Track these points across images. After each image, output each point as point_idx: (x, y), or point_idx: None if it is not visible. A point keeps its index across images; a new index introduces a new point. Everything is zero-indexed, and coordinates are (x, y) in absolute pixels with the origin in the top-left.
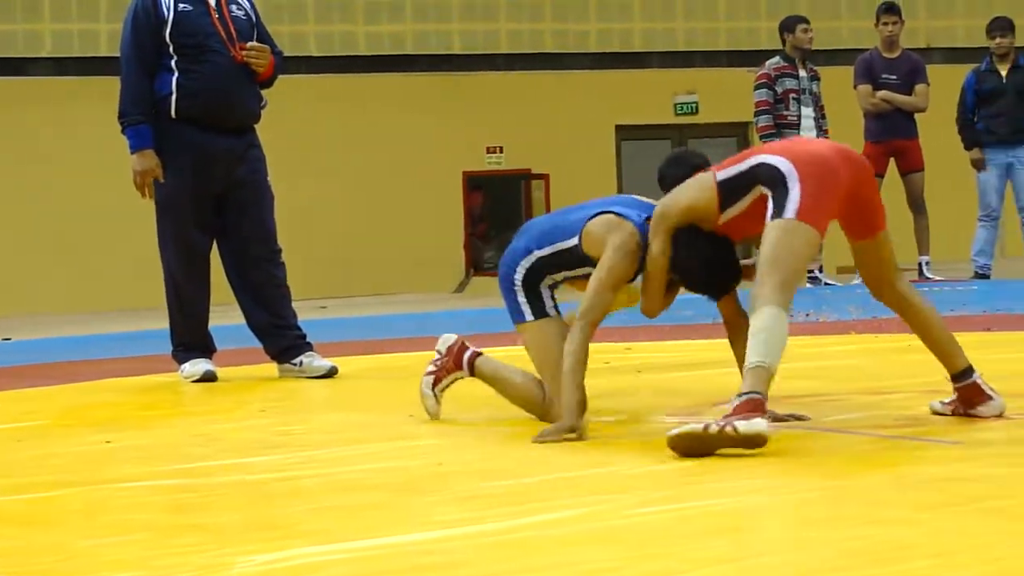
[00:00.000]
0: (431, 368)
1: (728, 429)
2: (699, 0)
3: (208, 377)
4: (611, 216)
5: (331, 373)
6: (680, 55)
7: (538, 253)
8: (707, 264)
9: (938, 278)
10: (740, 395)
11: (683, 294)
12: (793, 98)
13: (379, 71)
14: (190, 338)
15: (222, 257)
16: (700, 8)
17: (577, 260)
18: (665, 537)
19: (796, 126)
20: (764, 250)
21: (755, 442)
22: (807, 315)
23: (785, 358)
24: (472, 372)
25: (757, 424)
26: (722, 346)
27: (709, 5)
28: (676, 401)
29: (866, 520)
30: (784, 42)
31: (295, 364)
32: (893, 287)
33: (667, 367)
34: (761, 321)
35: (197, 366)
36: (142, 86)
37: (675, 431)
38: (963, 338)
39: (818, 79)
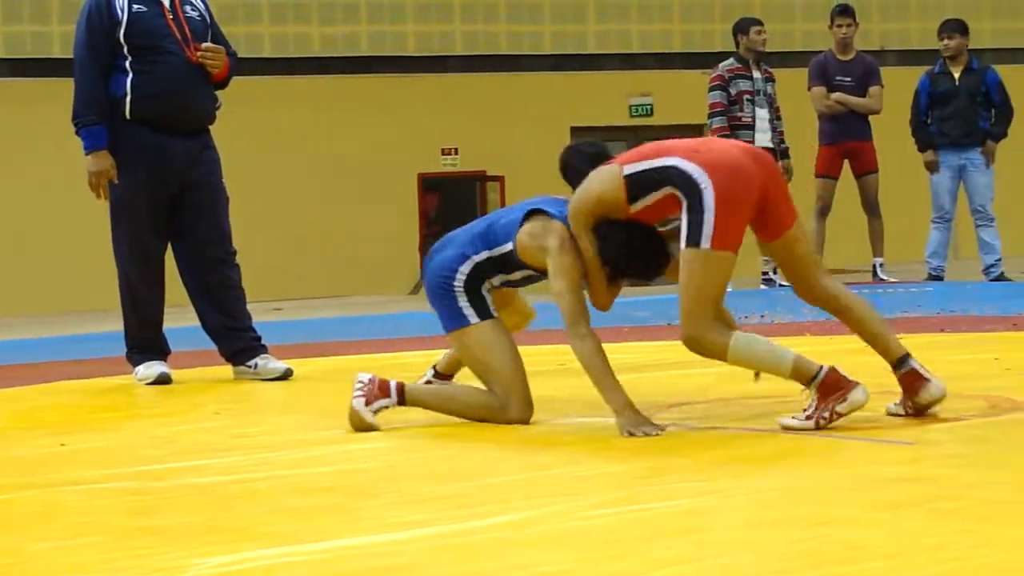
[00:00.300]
0: (359, 392)
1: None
2: (654, 2)
3: (162, 379)
4: (538, 220)
5: (286, 375)
6: (635, 57)
7: (476, 258)
8: (630, 251)
9: (892, 280)
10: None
11: (643, 294)
12: (747, 99)
13: (334, 72)
14: (144, 340)
15: (176, 259)
16: (655, 10)
17: (514, 264)
18: (622, 538)
19: (751, 127)
20: (684, 280)
21: None
22: (762, 316)
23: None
24: (402, 400)
25: None
26: (676, 348)
27: (664, 7)
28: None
29: (820, 521)
30: (738, 44)
31: (250, 366)
32: (819, 285)
33: (622, 368)
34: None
35: (151, 368)
36: (96, 87)
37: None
38: (917, 339)
39: (772, 80)
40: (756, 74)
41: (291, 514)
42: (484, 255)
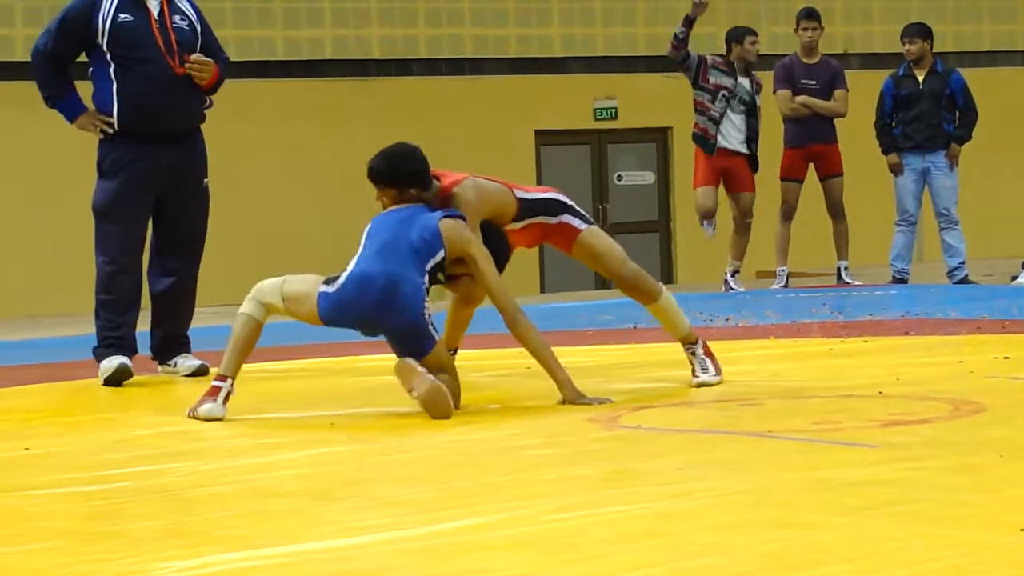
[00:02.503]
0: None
1: None
2: (618, 6)
3: (122, 370)
4: (450, 220)
5: (200, 371)
6: (599, 60)
7: (424, 281)
8: (501, 249)
9: (857, 283)
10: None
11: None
12: (722, 95)
13: (297, 76)
14: (115, 339)
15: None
16: (619, 14)
17: (439, 269)
18: (585, 542)
19: (717, 121)
20: (605, 246)
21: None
22: (726, 320)
23: None
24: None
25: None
26: (640, 350)
27: (628, 11)
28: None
29: (785, 523)
30: (730, 51)
31: (171, 364)
32: (622, 279)
33: (587, 372)
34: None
35: (112, 361)
36: (53, 76)
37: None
38: (881, 342)
39: (759, 92)
40: (742, 79)
41: (254, 518)
42: (426, 276)
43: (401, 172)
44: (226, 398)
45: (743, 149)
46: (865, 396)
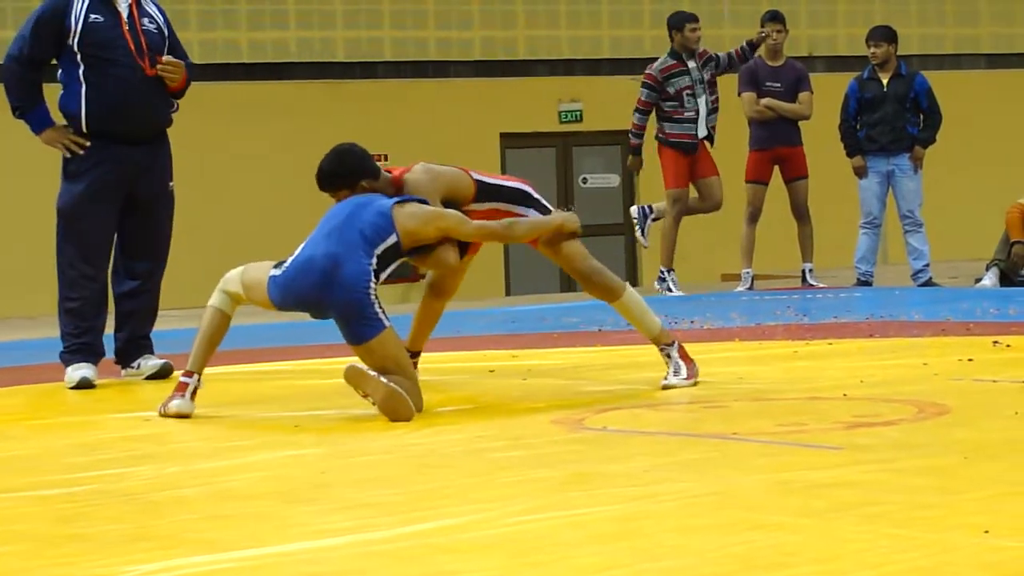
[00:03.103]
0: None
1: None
2: (583, 9)
3: (83, 384)
4: (409, 205)
5: (164, 371)
6: (564, 63)
7: (371, 263)
8: None
9: (821, 285)
10: None
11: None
12: (688, 95)
13: (261, 79)
14: (80, 343)
15: (114, 258)
16: (584, 17)
17: (394, 255)
18: (552, 544)
19: (694, 121)
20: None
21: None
22: (691, 322)
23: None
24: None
25: None
26: (606, 352)
27: (593, 14)
28: (561, 406)
29: (749, 526)
30: (672, 39)
31: (134, 366)
32: (582, 273)
33: (552, 373)
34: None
35: (77, 371)
36: (28, 81)
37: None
38: (846, 345)
39: (711, 60)
40: (691, 63)
41: (220, 521)
42: (375, 258)
43: (345, 171)
44: (193, 393)
45: (707, 132)
46: (830, 398)
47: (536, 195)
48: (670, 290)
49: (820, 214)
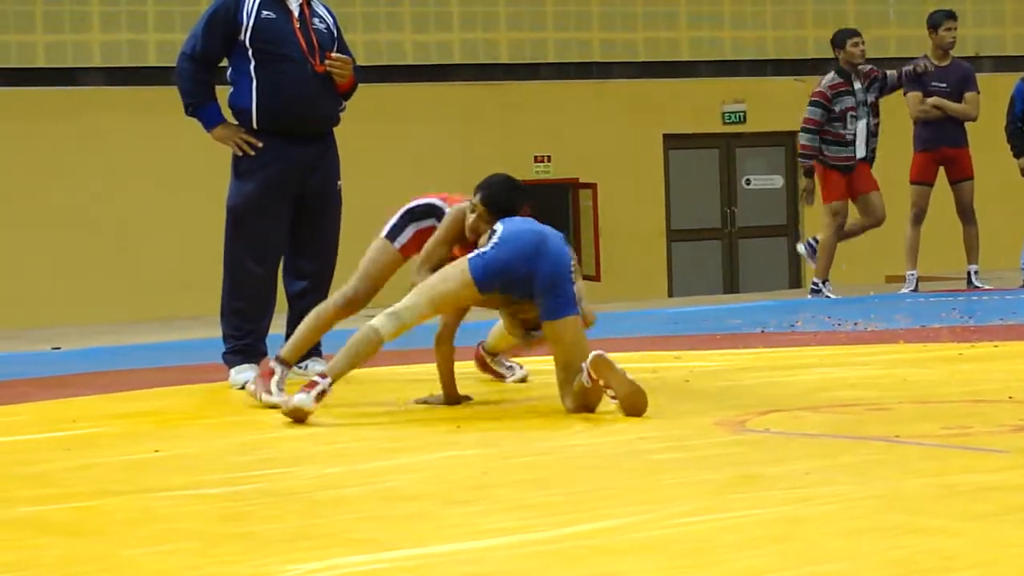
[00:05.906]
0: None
1: None
2: (746, 9)
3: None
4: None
5: None
6: (727, 64)
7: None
8: None
9: (987, 287)
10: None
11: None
12: (851, 116)
13: (425, 80)
14: (244, 345)
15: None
16: (747, 17)
17: None
18: (711, 547)
19: (852, 144)
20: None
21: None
22: (855, 324)
23: (833, 366)
24: None
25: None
26: (769, 354)
27: (757, 14)
28: (723, 408)
29: (912, 529)
30: (837, 57)
31: (301, 367)
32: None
33: (714, 375)
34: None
35: (242, 374)
36: (200, 78)
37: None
38: (1012, 347)
39: (876, 80)
40: (857, 84)
41: (381, 521)
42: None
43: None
44: (320, 395)
45: (866, 155)
46: (995, 401)
47: (431, 201)
48: (827, 298)
49: (986, 215)
